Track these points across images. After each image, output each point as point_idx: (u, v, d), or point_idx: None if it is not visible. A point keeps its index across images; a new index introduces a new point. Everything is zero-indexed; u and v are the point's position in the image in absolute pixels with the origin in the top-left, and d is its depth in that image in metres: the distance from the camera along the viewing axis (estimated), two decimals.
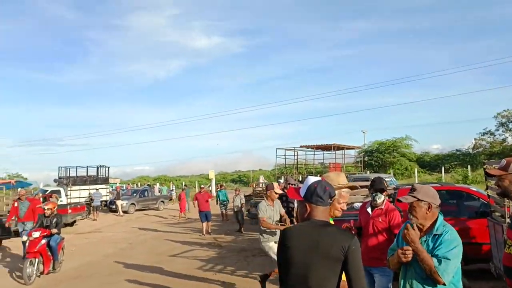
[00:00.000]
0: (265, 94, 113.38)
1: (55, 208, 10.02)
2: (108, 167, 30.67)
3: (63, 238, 10.29)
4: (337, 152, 30.48)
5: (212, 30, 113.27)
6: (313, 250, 2.30)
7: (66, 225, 19.72)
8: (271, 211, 7.31)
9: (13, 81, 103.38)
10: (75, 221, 20.75)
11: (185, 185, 32.64)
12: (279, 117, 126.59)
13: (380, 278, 4.65)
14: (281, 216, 7.60)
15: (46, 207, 9.93)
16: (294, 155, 31.87)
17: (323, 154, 32.63)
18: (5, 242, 14.34)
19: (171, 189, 41.88)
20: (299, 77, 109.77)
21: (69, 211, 19.98)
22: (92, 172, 30.01)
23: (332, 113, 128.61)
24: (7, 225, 12.89)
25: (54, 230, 9.59)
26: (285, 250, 2.40)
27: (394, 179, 21.07)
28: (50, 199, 20.88)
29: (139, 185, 45.94)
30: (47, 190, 23.60)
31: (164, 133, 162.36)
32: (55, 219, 9.80)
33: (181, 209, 24.04)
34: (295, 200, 8.17)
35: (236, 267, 10.05)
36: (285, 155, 30.90)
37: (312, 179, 2.54)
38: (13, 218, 12.75)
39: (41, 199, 18.19)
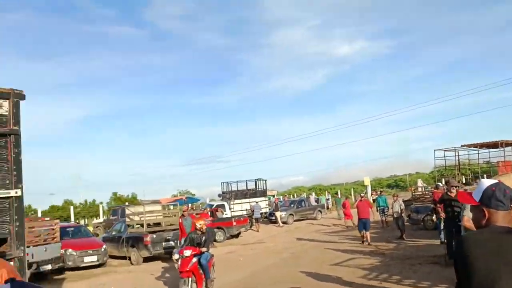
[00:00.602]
0: (413, 94, 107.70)
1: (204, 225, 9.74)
2: (265, 180, 32.04)
3: (213, 255, 9.95)
4: (506, 149, 27.42)
5: (353, 36, 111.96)
6: (498, 260, 2.10)
7: (232, 236, 21.22)
8: None
9: (178, 108, 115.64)
10: (240, 233, 22.12)
11: (335, 193, 32.52)
12: (431, 117, 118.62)
13: None
14: None
15: (199, 223, 9.65)
16: (455, 155, 29.55)
17: (489, 152, 29.68)
18: None
19: (327, 198, 42.00)
20: (451, 73, 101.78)
21: (234, 223, 21.46)
22: (251, 185, 31.69)
23: (493, 106, 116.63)
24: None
25: (204, 249, 9.17)
26: (465, 259, 2.23)
27: None
28: (217, 213, 22.71)
29: (295, 196, 47.08)
30: (213, 205, 25.57)
31: (315, 143, 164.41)
32: (204, 237, 9.40)
33: (349, 216, 23.97)
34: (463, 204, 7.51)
35: (402, 276, 9.63)
36: (444, 156, 28.94)
37: (487, 182, 2.34)
38: None
39: (209, 213, 19.78)
